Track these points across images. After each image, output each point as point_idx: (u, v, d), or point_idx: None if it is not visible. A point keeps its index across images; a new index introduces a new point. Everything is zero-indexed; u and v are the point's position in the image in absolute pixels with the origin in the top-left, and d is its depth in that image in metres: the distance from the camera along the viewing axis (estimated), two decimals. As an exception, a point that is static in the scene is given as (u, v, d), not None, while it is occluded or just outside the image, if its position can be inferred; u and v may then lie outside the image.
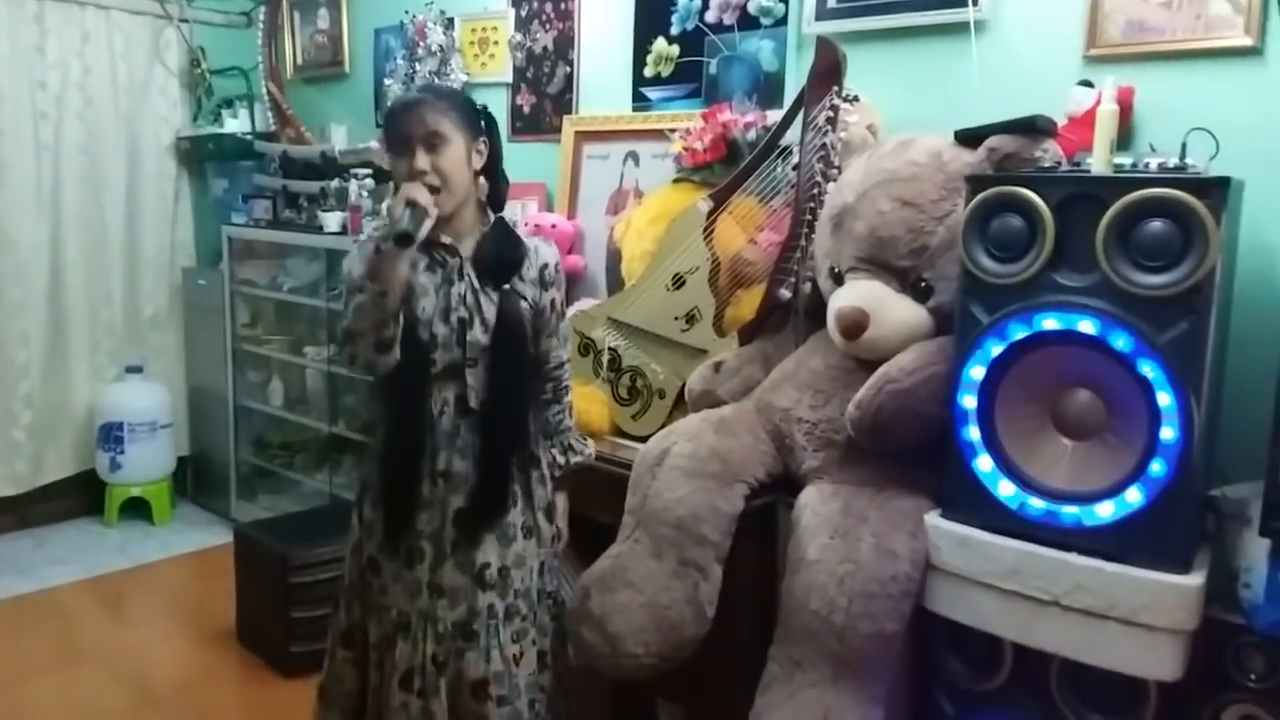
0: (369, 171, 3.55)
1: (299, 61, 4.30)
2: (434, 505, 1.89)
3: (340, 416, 3.71)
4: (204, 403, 4.35)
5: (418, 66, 3.54)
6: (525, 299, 1.90)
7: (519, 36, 3.33)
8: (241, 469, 4.18)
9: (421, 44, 3.50)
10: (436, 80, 3.43)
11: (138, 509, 4.18)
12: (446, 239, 1.86)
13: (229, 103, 4.28)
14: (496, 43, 3.41)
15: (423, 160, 1.77)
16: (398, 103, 1.88)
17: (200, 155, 4.30)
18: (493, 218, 1.93)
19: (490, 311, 1.86)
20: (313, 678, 2.82)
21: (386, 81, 3.67)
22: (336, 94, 4.14)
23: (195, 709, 2.77)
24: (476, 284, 1.87)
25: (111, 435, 4.05)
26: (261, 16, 4.33)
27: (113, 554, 3.86)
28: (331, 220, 3.58)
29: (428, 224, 1.73)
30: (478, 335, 1.86)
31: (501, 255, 1.88)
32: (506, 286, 1.88)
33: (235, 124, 4.21)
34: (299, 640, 2.86)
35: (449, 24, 3.48)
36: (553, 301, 1.95)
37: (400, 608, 1.91)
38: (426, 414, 1.87)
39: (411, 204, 1.72)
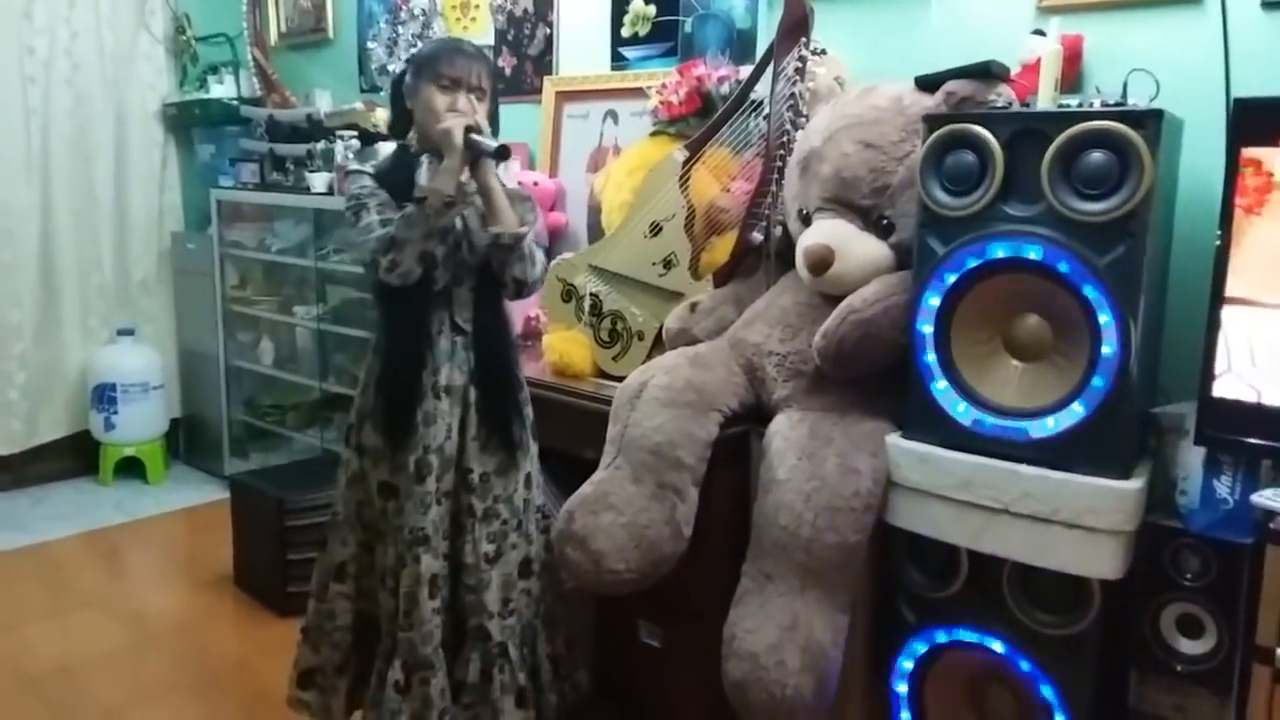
0: (354, 133, 3.63)
1: (283, 28, 4.37)
2: (440, 419, 2.02)
3: (330, 374, 3.81)
4: (195, 364, 4.44)
5: (401, 30, 3.62)
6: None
7: (500, -1, 3.42)
8: (233, 428, 4.28)
9: (404, 8, 3.59)
10: (420, 44, 3.52)
11: (132, 469, 4.29)
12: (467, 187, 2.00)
13: (214, 69, 4.36)
14: (478, 5, 3.49)
15: (464, 103, 1.96)
16: (453, 43, 2.09)
17: (187, 121, 4.37)
18: None
19: (480, 240, 2.01)
20: (309, 615, 2.97)
21: (370, 45, 3.76)
22: (320, 60, 4.22)
23: (195, 645, 2.88)
24: (465, 213, 2.01)
25: (105, 396, 4.15)
26: (246, -17, 4.40)
27: (109, 510, 3.97)
28: (318, 181, 3.67)
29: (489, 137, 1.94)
30: (465, 256, 2.01)
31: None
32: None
33: (221, 90, 4.29)
34: (295, 581, 2.97)
35: (431, -12, 3.57)
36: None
37: (413, 525, 2.02)
38: (428, 331, 2.02)
39: (474, 129, 1.91)
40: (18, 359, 4.06)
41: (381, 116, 3.62)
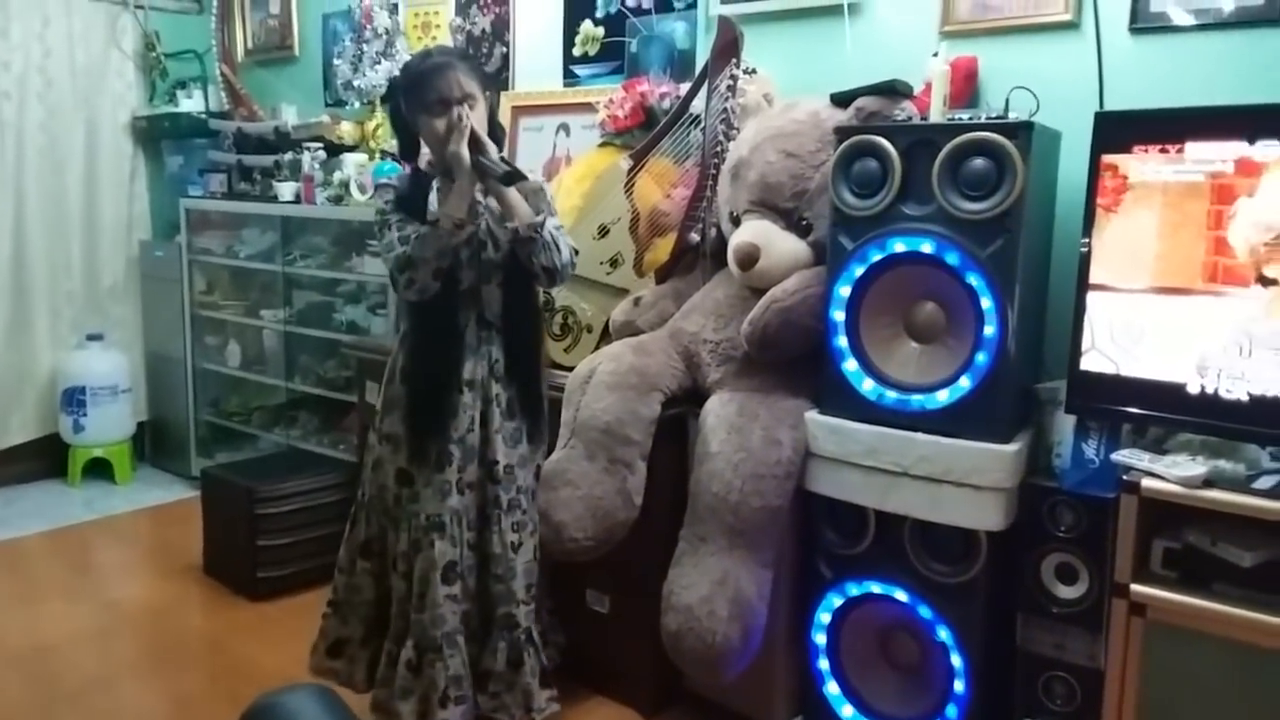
0: (320, 145, 3.83)
1: (250, 45, 4.56)
2: (462, 411, 2.16)
3: (297, 374, 3.98)
4: (162, 368, 4.58)
5: (365, 49, 3.82)
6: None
7: (459, 20, 3.64)
8: (200, 429, 4.42)
9: (368, 27, 3.79)
10: (383, 61, 3.73)
11: (100, 470, 4.41)
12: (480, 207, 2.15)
13: (183, 84, 4.52)
14: (439, 26, 3.71)
15: (462, 117, 2.05)
16: (426, 64, 2.13)
17: (156, 134, 4.53)
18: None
19: (501, 236, 2.16)
20: (279, 600, 3.16)
21: (335, 62, 3.95)
22: (287, 75, 4.41)
23: (167, 629, 3.02)
24: (490, 211, 2.17)
25: (74, 399, 4.27)
26: (215, 2, 4.58)
27: (78, 508, 4.08)
28: (286, 190, 3.85)
29: (497, 163, 2.06)
30: (491, 255, 2.16)
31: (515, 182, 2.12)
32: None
33: (190, 104, 4.46)
34: (265, 567, 3.15)
35: (394, 8, 3.77)
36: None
37: (429, 511, 2.15)
38: (456, 330, 2.16)
39: (476, 144, 2.02)
40: (-11, 364, 4.18)
41: (347, 129, 3.82)
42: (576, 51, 3.31)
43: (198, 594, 3.27)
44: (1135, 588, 1.81)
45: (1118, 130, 1.90)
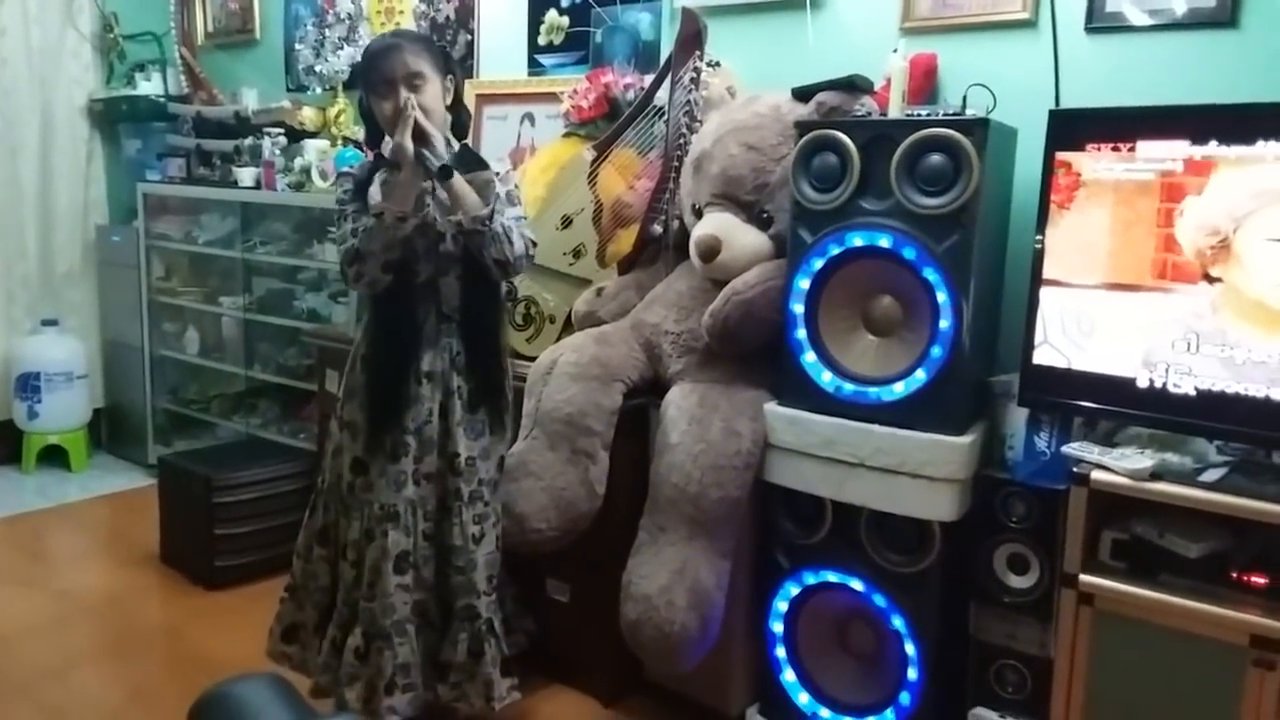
0: (281, 130, 3.79)
1: (210, 28, 4.50)
2: (419, 403, 2.15)
3: (256, 362, 3.94)
4: (119, 355, 4.52)
5: (327, 33, 3.78)
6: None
7: (423, 5, 3.61)
8: (157, 417, 4.38)
9: (331, 11, 3.75)
10: (346, 46, 3.69)
11: (55, 458, 4.35)
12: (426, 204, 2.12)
13: (142, 66, 4.44)
14: (402, 11, 3.68)
15: (406, 99, 2.02)
16: (375, 46, 2.12)
17: (113, 117, 4.46)
18: (457, 145, 2.19)
19: (446, 228, 2.13)
20: (237, 588, 3.14)
21: (297, 47, 3.90)
22: (248, 59, 4.35)
23: (123, 619, 2.99)
24: (436, 205, 2.14)
25: (29, 385, 4.21)
26: (173, -16, 4.51)
27: (31, 496, 4.03)
28: (246, 175, 3.81)
29: (441, 155, 2.01)
30: (449, 247, 2.13)
31: (469, 173, 2.09)
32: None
33: (148, 86, 4.39)
34: (222, 555, 3.13)
35: (357, -8, 3.74)
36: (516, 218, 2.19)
37: (383, 501, 2.14)
38: (414, 320, 2.14)
39: (421, 136, 1.99)
40: (-59, 348, 4.11)
41: (308, 115, 3.78)
42: (541, 40, 3.30)
43: (155, 583, 3.24)
44: (1084, 578, 1.85)
45: (1071, 128, 1.93)
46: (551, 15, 3.26)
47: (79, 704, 2.51)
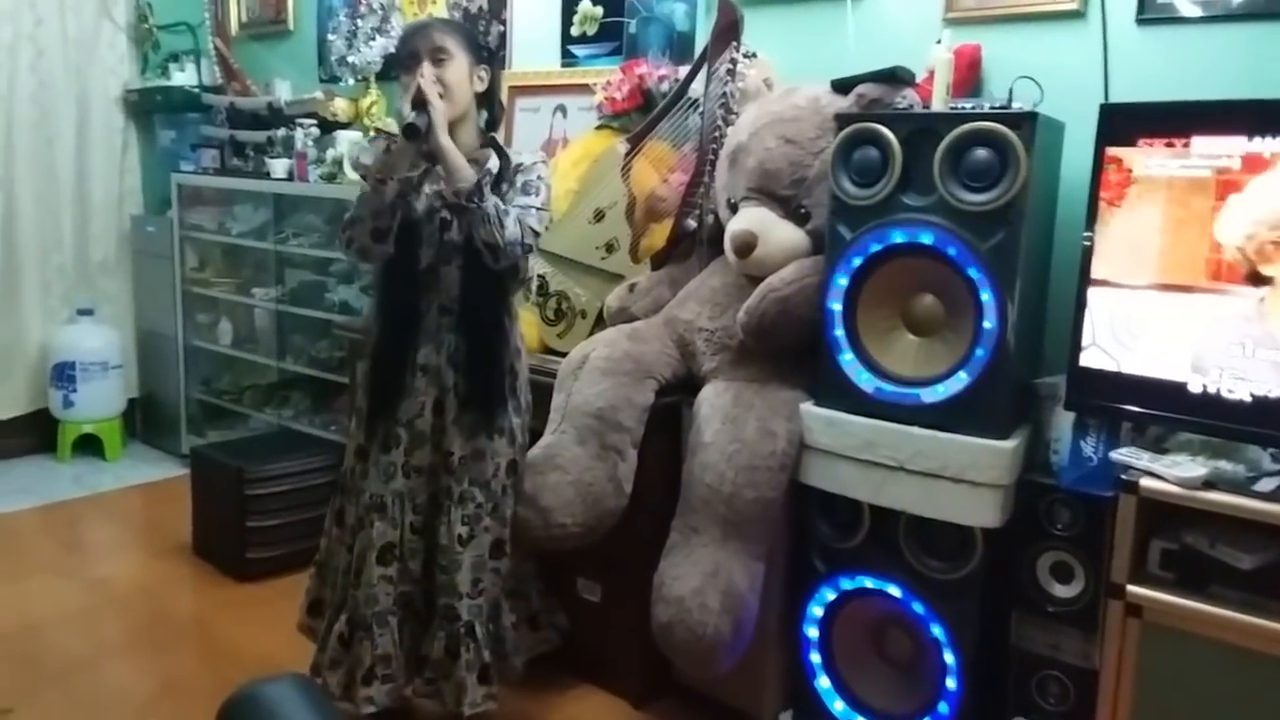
0: (314, 121, 3.78)
1: (244, 19, 4.49)
2: (413, 395, 2.13)
3: (288, 354, 3.94)
4: (153, 344, 4.54)
5: (360, 24, 3.76)
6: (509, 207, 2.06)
7: (456, -4, 3.58)
8: (191, 407, 4.39)
9: (363, 2, 3.73)
10: (378, 37, 3.67)
11: (90, 446, 4.38)
12: (404, 170, 2.06)
13: (176, 57, 4.45)
14: (435, 2, 3.65)
15: (429, 71, 2.02)
16: (408, 27, 2.16)
17: (148, 107, 4.47)
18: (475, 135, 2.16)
19: (431, 200, 2.10)
20: (268, 580, 3.15)
21: (330, 37, 3.89)
22: (281, 50, 4.35)
23: (155, 610, 3.00)
24: (431, 187, 2.10)
25: (64, 374, 4.24)
26: (207, -26, 4.52)
27: (67, 484, 4.06)
28: (279, 167, 3.80)
29: (437, 124, 1.97)
30: (454, 235, 2.09)
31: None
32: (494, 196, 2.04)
33: (183, 77, 4.40)
34: (254, 548, 3.12)
35: (390, -17, 3.71)
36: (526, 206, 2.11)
37: (373, 491, 2.14)
38: (415, 308, 2.11)
39: (419, 104, 1.96)
40: (-23, 337, 4.15)
41: (341, 106, 3.77)
42: (575, 31, 3.26)
43: (186, 574, 3.25)
44: (1132, 589, 1.79)
45: (1123, 123, 1.87)
46: (585, 5, 3.22)
47: (110, 696, 2.52)
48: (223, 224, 4.21)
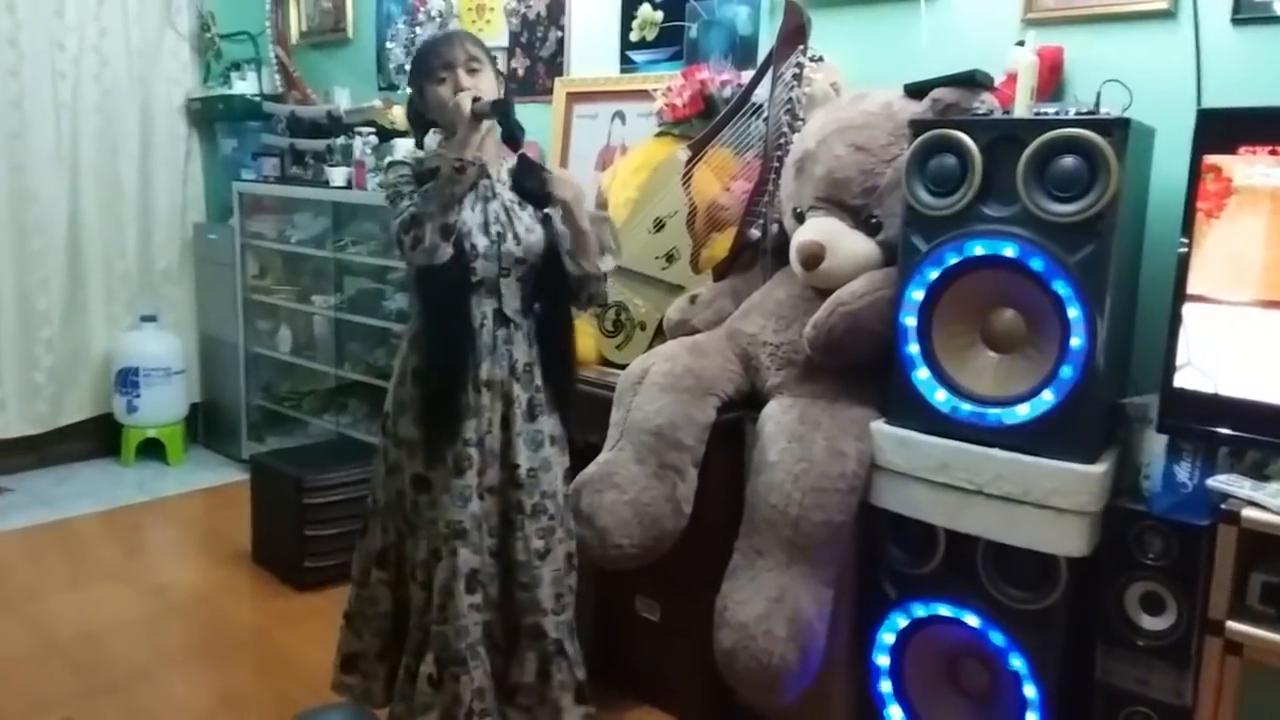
0: (372, 130, 3.77)
1: (304, 27, 4.51)
2: (480, 413, 2.03)
3: (346, 361, 3.94)
4: (214, 351, 4.58)
5: (418, 31, 3.75)
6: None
7: (514, 2, 3.54)
8: (251, 413, 4.42)
9: (422, 9, 3.72)
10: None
11: (153, 451, 4.43)
12: (481, 157, 2.01)
13: (237, 66, 4.48)
14: (493, 8, 3.62)
15: (466, 80, 2.00)
16: (434, 38, 2.12)
17: (210, 116, 4.51)
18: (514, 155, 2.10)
19: (520, 227, 2.04)
20: (325, 590, 3.12)
21: (389, 45, 3.89)
22: (340, 58, 4.35)
23: (214, 616, 3.01)
24: (507, 201, 2.05)
25: (128, 379, 4.29)
26: (268, -17, 4.54)
27: (130, 489, 4.11)
28: (338, 175, 3.80)
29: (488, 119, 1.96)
30: (511, 248, 2.03)
31: (532, 176, 2.04)
32: (547, 208, 2.06)
33: (244, 86, 4.43)
34: (312, 557, 3.12)
35: (448, -10, 3.69)
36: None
37: (449, 519, 2.02)
38: (470, 325, 2.03)
39: (476, 99, 1.95)
40: (45, 343, 4.21)
41: (399, 114, 3.75)
42: (634, 36, 3.19)
43: (246, 582, 3.25)
44: (1231, 625, 1.67)
45: (1223, 129, 1.75)
46: (644, 10, 3.15)
47: (167, 707, 2.51)
48: (283, 232, 4.23)
